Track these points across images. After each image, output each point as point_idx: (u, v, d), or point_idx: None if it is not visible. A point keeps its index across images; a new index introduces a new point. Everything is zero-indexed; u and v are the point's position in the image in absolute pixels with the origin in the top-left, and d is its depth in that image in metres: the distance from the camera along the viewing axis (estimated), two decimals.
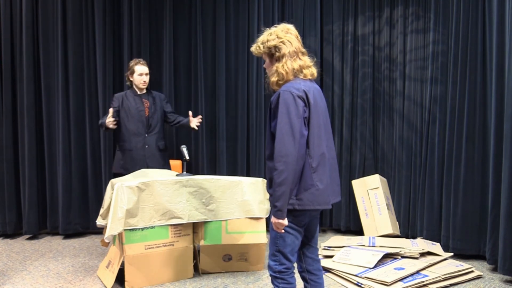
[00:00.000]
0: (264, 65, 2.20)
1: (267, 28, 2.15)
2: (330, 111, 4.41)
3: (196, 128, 3.65)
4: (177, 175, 3.22)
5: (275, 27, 2.13)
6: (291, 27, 2.13)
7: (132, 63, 3.65)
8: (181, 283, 3.13)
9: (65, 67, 4.15)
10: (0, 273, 3.26)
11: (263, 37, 2.12)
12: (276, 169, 1.92)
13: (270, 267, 2.09)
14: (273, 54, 2.08)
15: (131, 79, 3.65)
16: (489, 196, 3.28)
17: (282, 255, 2.05)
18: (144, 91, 3.70)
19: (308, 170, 1.99)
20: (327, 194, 2.03)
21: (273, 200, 1.95)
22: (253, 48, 2.16)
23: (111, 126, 3.49)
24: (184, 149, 3.39)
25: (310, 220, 2.15)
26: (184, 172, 3.32)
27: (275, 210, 1.94)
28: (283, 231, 2.00)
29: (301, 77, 2.07)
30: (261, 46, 2.10)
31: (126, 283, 2.97)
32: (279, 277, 2.06)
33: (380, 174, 4.27)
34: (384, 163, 4.33)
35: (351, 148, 4.40)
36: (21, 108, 4.12)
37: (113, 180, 3.17)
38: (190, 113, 3.65)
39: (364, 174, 4.33)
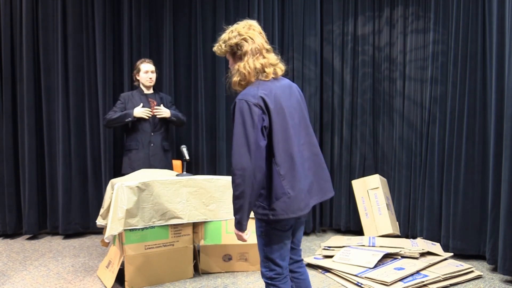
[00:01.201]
0: (229, 65, 2.09)
1: (229, 26, 2.04)
2: (330, 111, 4.41)
3: None
4: (177, 175, 3.22)
5: (237, 24, 2.02)
6: (253, 23, 2.01)
7: (138, 62, 3.72)
8: (181, 283, 3.13)
9: (65, 67, 4.15)
10: (0, 273, 3.26)
11: (224, 35, 2.01)
12: (233, 182, 1.84)
13: (262, 274, 2.03)
14: (235, 53, 1.98)
15: (138, 77, 3.69)
16: (489, 196, 3.28)
17: (271, 262, 1.98)
18: (151, 90, 3.72)
19: (277, 179, 1.88)
20: (300, 200, 1.91)
21: (233, 212, 1.89)
22: (215, 48, 2.04)
23: (144, 115, 3.55)
24: (184, 149, 3.39)
25: (295, 222, 2.05)
26: (184, 172, 3.32)
27: (235, 222, 1.89)
28: (246, 241, 1.95)
29: (263, 77, 1.94)
30: (223, 45, 1.99)
31: (126, 283, 2.97)
32: (271, 283, 2.00)
33: (380, 174, 4.28)
34: (384, 163, 4.34)
35: (351, 148, 4.40)
36: (21, 108, 4.12)
37: (113, 180, 3.17)
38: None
39: (364, 174, 4.34)
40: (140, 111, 3.56)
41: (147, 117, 3.58)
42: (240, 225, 1.90)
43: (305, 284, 2.17)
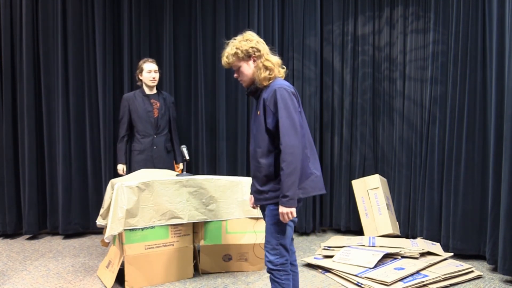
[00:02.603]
0: (235, 75, 2.24)
1: (229, 41, 2.22)
2: (330, 111, 4.42)
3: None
4: (177, 175, 3.22)
5: (239, 36, 2.20)
6: (253, 33, 2.22)
7: (141, 61, 3.68)
8: (181, 283, 3.13)
9: (65, 67, 4.15)
10: (0, 273, 3.26)
11: (234, 44, 2.18)
12: (284, 160, 2.00)
13: (271, 262, 2.12)
14: (250, 56, 2.15)
15: (141, 77, 3.66)
16: (489, 196, 3.28)
17: (283, 248, 2.12)
18: (154, 90, 3.70)
19: (305, 160, 2.11)
20: (322, 180, 2.19)
21: (283, 190, 2.01)
22: (225, 58, 2.19)
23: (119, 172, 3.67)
24: (184, 149, 3.39)
25: None
26: (184, 172, 3.32)
27: (287, 199, 2.01)
28: (295, 215, 2.05)
29: (280, 74, 2.19)
30: (239, 52, 2.14)
31: (126, 283, 2.97)
32: (281, 269, 2.12)
33: (380, 174, 4.28)
34: (384, 163, 4.33)
35: (351, 148, 4.40)
36: (21, 108, 4.12)
37: (113, 180, 3.17)
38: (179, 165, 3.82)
39: (364, 174, 4.34)
40: (119, 169, 3.67)
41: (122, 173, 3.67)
42: (293, 201, 2.02)
43: (297, 277, 2.33)
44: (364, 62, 4.34)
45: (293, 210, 2.03)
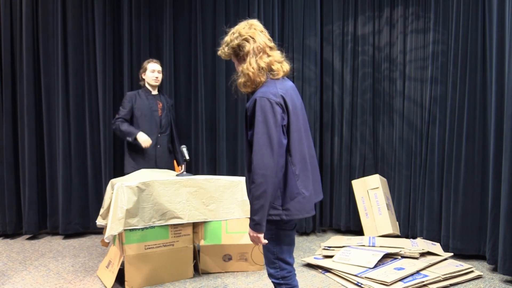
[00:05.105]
0: (236, 68, 2.07)
1: (231, 28, 2.01)
2: (330, 111, 4.42)
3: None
4: (177, 175, 3.22)
5: (238, 24, 1.99)
6: (254, 22, 1.98)
7: (145, 62, 3.73)
8: (181, 283, 3.13)
9: (65, 67, 4.15)
10: (0, 273, 3.26)
11: (226, 38, 1.99)
12: (254, 182, 1.78)
13: (271, 275, 2.00)
14: (238, 54, 1.95)
15: (144, 77, 3.68)
16: (489, 196, 3.28)
17: (281, 261, 1.97)
18: (156, 91, 3.73)
19: (292, 179, 1.88)
20: (312, 200, 1.95)
21: (251, 213, 1.82)
22: (220, 52, 2.01)
23: (145, 145, 3.49)
24: (184, 149, 3.39)
25: None
26: (184, 172, 3.32)
27: (253, 223, 1.81)
28: (264, 242, 1.87)
29: (273, 76, 1.92)
30: (226, 48, 1.97)
31: (126, 283, 2.97)
32: (283, 282, 1.98)
33: (380, 174, 4.28)
34: (384, 163, 4.34)
35: (351, 148, 4.40)
36: (21, 108, 4.12)
37: (113, 180, 3.17)
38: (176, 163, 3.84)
39: (364, 174, 4.34)
40: (144, 139, 3.49)
41: (144, 146, 3.51)
42: (259, 227, 1.82)
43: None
44: (364, 62, 4.34)
45: (261, 236, 1.82)
